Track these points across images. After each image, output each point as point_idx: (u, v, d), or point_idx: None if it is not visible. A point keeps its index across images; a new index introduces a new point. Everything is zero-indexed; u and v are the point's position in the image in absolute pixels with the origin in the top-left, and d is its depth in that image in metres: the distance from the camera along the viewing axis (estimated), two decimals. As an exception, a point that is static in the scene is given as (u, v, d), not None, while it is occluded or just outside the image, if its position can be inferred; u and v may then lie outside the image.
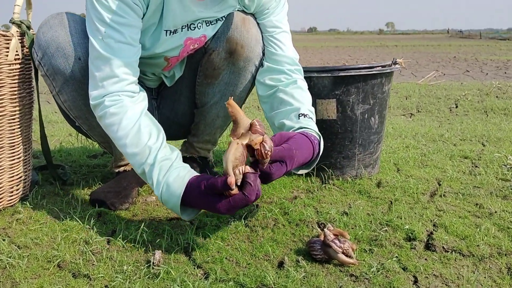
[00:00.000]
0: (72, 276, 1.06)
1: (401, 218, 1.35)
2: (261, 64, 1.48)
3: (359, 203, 1.49)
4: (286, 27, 1.48)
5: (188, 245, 1.19)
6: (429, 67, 8.19)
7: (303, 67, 1.58)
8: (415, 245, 1.20)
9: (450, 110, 3.49)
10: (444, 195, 1.56)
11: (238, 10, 1.42)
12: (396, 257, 1.14)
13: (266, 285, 1.01)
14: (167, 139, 1.78)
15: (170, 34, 1.35)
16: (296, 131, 1.28)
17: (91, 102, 1.24)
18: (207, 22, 1.40)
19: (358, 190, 1.62)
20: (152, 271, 1.06)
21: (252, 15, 1.45)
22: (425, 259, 1.14)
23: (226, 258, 1.13)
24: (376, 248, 1.18)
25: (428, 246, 1.20)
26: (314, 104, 1.64)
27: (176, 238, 1.22)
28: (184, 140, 1.78)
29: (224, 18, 1.42)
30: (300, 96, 1.40)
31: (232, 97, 1.10)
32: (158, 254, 1.11)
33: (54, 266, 1.09)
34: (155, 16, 1.31)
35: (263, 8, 1.43)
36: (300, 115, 1.34)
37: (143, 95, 1.28)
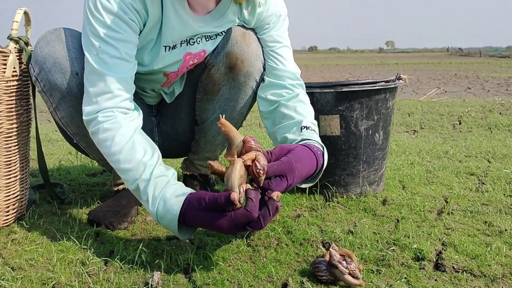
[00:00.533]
0: (67, 299, 1.01)
1: (408, 237, 1.31)
2: (262, 79, 1.46)
3: (365, 222, 1.44)
4: (287, 42, 1.46)
5: (188, 266, 1.15)
6: (430, 84, 8.19)
7: (305, 83, 1.55)
8: (424, 265, 1.15)
9: (454, 126, 3.46)
10: (451, 212, 1.52)
11: (238, 25, 1.41)
12: (405, 278, 1.09)
13: (270, 308, 0.97)
14: (167, 157, 1.76)
15: (169, 50, 1.33)
16: (298, 143, 1.25)
17: (84, 117, 1.22)
18: (206, 37, 1.38)
19: (363, 208, 1.58)
20: (150, 293, 1.02)
21: (253, 30, 1.43)
22: (435, 279, 1.09)
23: (227, 280, 1.08)
24: (384, 268, 1.14)
25: (438, 266, 1.16)
26: (317, 120, 1.61)
27: (176, 258, 1.18)
28: (184, 157, 1.74)
29: (224, 33, 1.40)
30: (302, 110, 1.38)
31: (224, 116, 1.08)
32: (157, 275, 1.07)
33: (49, 288, 1.05)
34: (154, 32, 1.30)
35: (263, 23, 1.41)
36: (303, 127, 1.32)
37: (138, 113, 1.26)
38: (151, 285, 1.04)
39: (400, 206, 1.58)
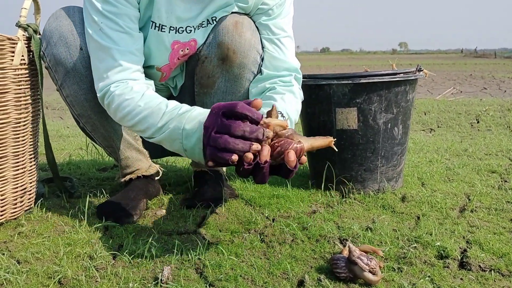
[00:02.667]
0: (73, 294, 0.97)
1: (430, 235, 1.24)
2: (259, 71, 1.37)
3: (384, 218, 1.38)
4: (290, 32, 1.37)
5: (199, 261, 1.10)
6: (445, 84, 8.06)
7: (321, 75, 1.50)
8: (448, 263, 1.09)
9: (472, 125, 3.37)
10: (475, 210, 1.45)
11: (233, 12, 1.32)
12: (429, 276, 1.03)
13: (286, 306, 0.91)
14: (178, 155, 1.70)
15: (155, 28, 1.30)
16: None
17: (98, 94, 1.22)
18: (197, 26, 1.32)
19: (381, 204, 1.51)
20: (160, 289, 0.97)
21: (250, 17, 1.34)
22: (461, 278, 1.03)
23: (240, 276, 1.03)
24: (406, 266, 1.08)
25: (463, 265, 1.09)
26: (333, 113, 1.56)
27: (187, 253, 1.13)
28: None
29: (214, 21, 1.33)
30: (289, 100, 1.26)
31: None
32: (167, 270, 1.02)
33: (55, 282, 1.00)
34: (148, 10, 1.29)
35: (264, 6, 1.32)
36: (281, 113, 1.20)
37: (150, 81, 1.25)
38: (161, 280, 0.99)
39: (420, 203, 1.51)
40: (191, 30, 1.32)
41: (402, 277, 1.03)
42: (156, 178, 1.57)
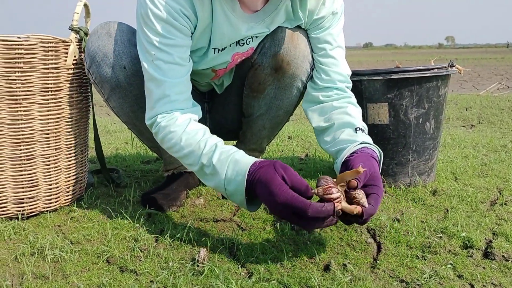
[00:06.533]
0: (120, 271, 1.08)
1: (457, 226, 1.28)
2: (309, 79, 1.44)
3: (412, 210, 1.42)
4: (341, 42, 1.41)
5: (233, 245, 1.19)
6: (491, 79, 7.83)
7: (352, 71, 1.55)
8: (472, 253, 1.13)
9: (515, 121, 3.31)
10: (505, 204, 1.47)
11: (288, 28, 1.36)
12: (451, 264, 1.07)
13: (311, 287, 0.98)
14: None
15: (218, 52, 1.34)
16: (358, 146, 1.23)
17: (146, 122, 1.27)
18: (256, 36, 1.36)
19: (411, 198, 1.55)
20: (196, 268, 1.07)
21: (303, 29, 1.39)
22: (483, 267, 1.07)
23: (270, 259, 1.11)
24: (430, 255, 1.12)
25: (487, 255, 1.13)
26: (364, 108, 1.61)
27: (222, 238, 1.22)
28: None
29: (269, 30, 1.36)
30: (354, 112, 1.35)
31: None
32: (203, 252, 1.11)
33: (103, 261, 1.12)
34: (204, 37, 1.30)
35: (317, 17, 1.35)
36: (357, 129, 1.29)
37: (196, 108, 1.28)
38: (198, 260, 1.08)
39: (451, 196, 1.54)
40: (250, 41, 1.36)
41: (425, 264, 1.08)
42: None
